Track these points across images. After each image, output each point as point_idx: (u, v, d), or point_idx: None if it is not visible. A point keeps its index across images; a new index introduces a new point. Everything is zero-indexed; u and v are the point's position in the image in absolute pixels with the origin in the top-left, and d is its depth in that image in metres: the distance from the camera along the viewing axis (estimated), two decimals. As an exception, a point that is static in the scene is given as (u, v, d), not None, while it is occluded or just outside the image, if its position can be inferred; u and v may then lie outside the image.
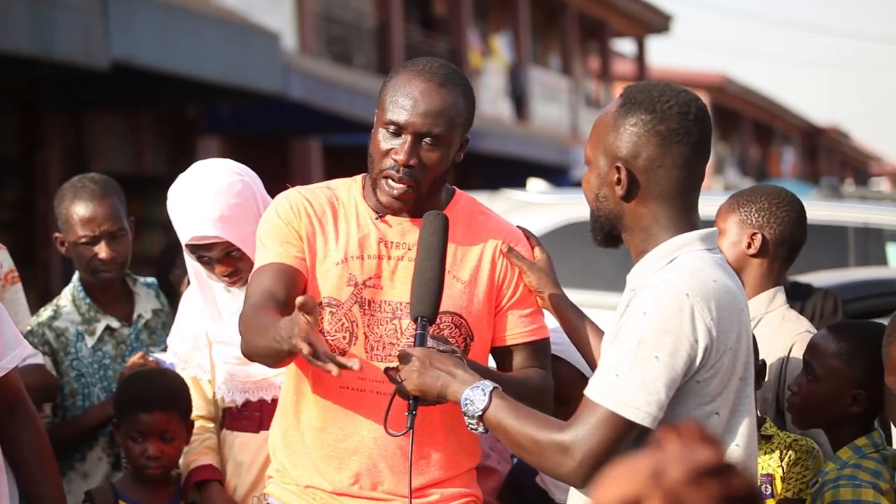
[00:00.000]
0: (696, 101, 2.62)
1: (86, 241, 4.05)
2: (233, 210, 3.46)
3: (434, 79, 2.95)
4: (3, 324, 3.25)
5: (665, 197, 2.59)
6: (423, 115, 2.92)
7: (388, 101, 2.94)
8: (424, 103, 2.92)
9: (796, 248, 3.75)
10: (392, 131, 2.93)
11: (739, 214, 3.71)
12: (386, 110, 2.93)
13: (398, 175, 2.92)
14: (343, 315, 2.98)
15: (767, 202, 3.71)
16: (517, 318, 3.06)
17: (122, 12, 10.18)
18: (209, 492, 3.71)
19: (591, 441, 2.48)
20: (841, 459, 3.16)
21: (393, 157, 2.92)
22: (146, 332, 4.16)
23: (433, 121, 2.93)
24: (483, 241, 3.05)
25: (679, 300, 2.47)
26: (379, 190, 2.96)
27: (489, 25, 25.14)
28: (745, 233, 3.69)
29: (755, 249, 3.67)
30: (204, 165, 3.60)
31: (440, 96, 2.93)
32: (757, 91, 38.08)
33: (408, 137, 2.92)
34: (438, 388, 2.67)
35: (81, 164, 12.67)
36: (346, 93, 14.98)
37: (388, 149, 2.93)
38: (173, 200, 3.55)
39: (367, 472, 2.99)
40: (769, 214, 3.69)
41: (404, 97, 2.92)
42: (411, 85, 2.93)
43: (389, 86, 2.96)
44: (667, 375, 2.46)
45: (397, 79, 2.96)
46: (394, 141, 2.93)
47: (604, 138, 2.62)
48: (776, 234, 3.68)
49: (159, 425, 3.69)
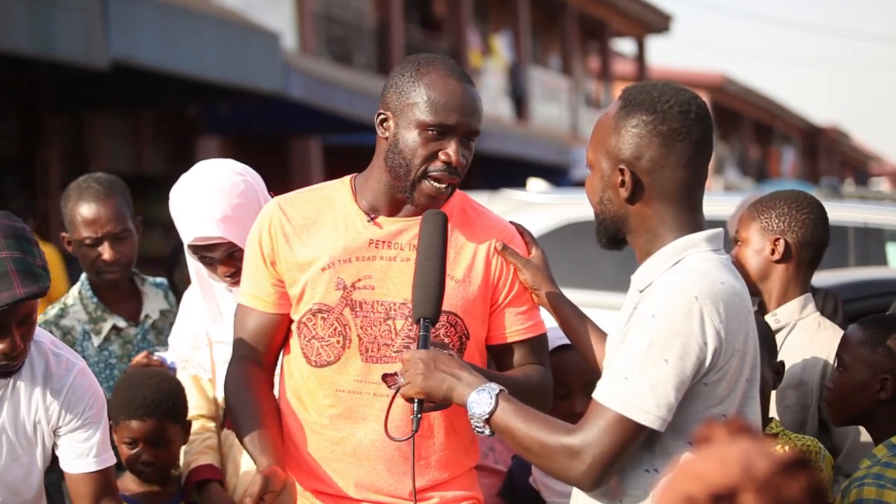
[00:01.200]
0: (695, 99, 2.61)
1: (89, 242, 4.06)
2: (235, 210, 3.45)
3: (463, 78, 2.98)
4: (100, 427, 3.28)
5: (670, 197, 2.58)
6: (469, 115, 2.94)
7: (426, 104, 2.91)
8: (468, 103, 2.94)
9: (820, 249, 3.72)
10: (436, 133, 2.92)
11: (760, 222, 3.68)
12: (428, 112, 2.91)
13: (449, 176, 2.93)
14: (335, 319, 2.97)
15: (787, 206, 3.68)
16: (514, 315, 3.05)
17: (122, 12, 10.18)
18: (209, 492, 3.71)
19: (600, 444, 2.47)
20: (875, 457, 3.17)
21: (442, 160, 2.92)
22: (153, 333, 4.15)
23: (477, 119, 2.97)
24: (477, 238, 3.04)
25: (688, 303, 2.46)
26: (419, 191, 2.94)
27: (489, 25, 25.13)
28: (768, 239, 3.66)
29: (779, 255, 3.65)
30: (206, 166, 3.59)
31: (473, 94, 2.97)
32: (757, 91, 38.07)
33: (456, 138, 2.93)
34: (444, 390, 2.67)
35: (81, 164, 12.67)
36: (346, 93, 14.97)
37: (434, 150, 2.92)
38: (175, 201, 3.54)
39: (367, 475, 2.98)
40: (789, 218, 3.67)
41: (448, 98, 2.92)
42: (449, 85, 2.93)
43: (422, 86, 2.93)
44: (676, 378, 2.46)
45: (429, 78, 2.93)
46: (437, 142, 2.92)
47: (605, 141, 2.61)
48: (798, 238, 3.66)
49: (152, 432, 3.69)
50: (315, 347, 2.98)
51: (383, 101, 2.99)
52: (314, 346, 2.99)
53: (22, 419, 3.22)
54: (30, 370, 3.20)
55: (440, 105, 2.91)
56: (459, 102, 2.92)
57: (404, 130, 2.93)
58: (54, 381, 3.22)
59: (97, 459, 3.27)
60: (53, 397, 3.22)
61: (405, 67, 2.98)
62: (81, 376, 3.25)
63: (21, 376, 3.20)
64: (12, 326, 3.03)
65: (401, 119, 2.94)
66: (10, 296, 2.96)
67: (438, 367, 2.68)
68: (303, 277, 2.99)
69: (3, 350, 3.05)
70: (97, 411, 3.27)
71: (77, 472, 3.26)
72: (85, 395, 3.24)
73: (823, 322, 3.68)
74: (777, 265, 3.66)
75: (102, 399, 3.30)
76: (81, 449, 3.25)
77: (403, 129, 2.94)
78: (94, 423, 3.26)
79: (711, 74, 33.77)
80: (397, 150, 2.94)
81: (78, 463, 3.26)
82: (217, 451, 3.77)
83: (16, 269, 2.98)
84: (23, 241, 3.04)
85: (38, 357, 3.22)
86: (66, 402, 3.22)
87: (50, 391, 3.22)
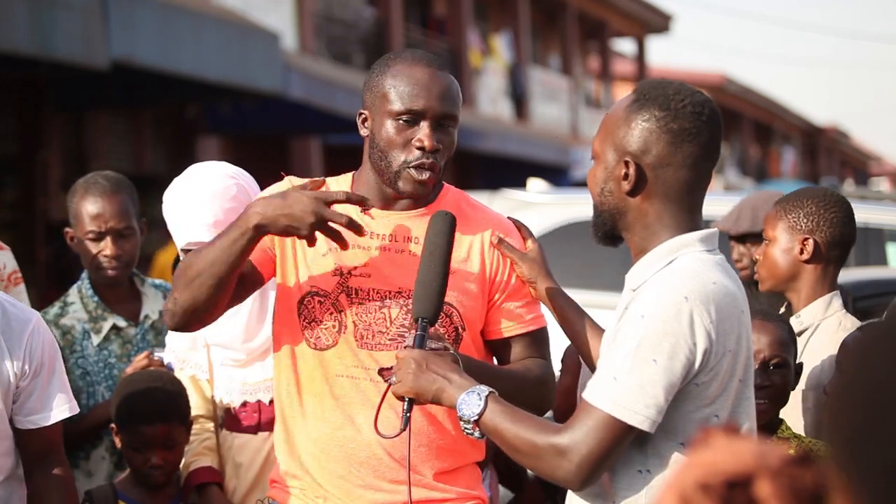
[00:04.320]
0: (709, 102, 2.62)
1: (92, 236, 4.07)
2: (227, 215, 3.44)
3: (432, 64, 2.99)
4: (55, 378, 3.28)
5: (670, 195, 2.59)
6: (439, 98, 2.95)
7: (395, 92, 2.94)
8: (437, 87, 2.95)
9: (848, 248, 3.69)
10: (406, 120, 2.94)
11: (787, 221, 3.65)
12: (396, 101, 2.94)
13: (428, 161, 2.94)
14: (331, 304, 3.00)
15: (815, 206, 3.65)
16: (513, 309, 3.06)
17: (122, 12, 10.18)
18: (209, 496, 3.71)
19: (588, 444, 2.47)
20: None
21: (416, 146, 2.94)
22: (152, 333, 4.16)
23: (449, 103, 2.97)
24: (473, 233, 3.05)
25: (678, 303, 2.46)
26: (402, 181, 2.95)
27: (489, 25, 25.13)
28: (797, 239, 3.63)
29: (808, 255, 3.62)
30: (198, 169, 3.59)
31: (445, 80, 2.98)
32: (757, 91, 38.08)
33: (427, 123, 2.94)
34: (434, 391, 2.67)
35: (81, 164, 12.68)
36: (346, 93, 14.97)
37: (408, 139, 2.94)
38: (168, 205, 3.55)
39: (368, 459, 2.99)
40: (818, 218, 3.63)
41: (414, 85, 2.94)
42: (416, 72, 2.96)
43: (388, 77, 2.96)
44: (665, 379, 2.46)
45: (395, 69, 2.97)
46: (410, 130, 2.94)
47: (614, 132, 2.62)
48: (827, 237, 3.63)
49: (162, 436, 3.69)
50: (315, 331, 3.01)
51: (362, 101, 3.04)
52: (314, 330, 3.01)
53: None
54: None
55: (406, 92, 2.94)
56: (426, 87, 2.94)
57: (379, 125, 2.97)
58: (13, 326, 3.22)
59: (57, 411, 3.28)
60: (16, 342, 3.22)
61: (376, 65, 3.03)
62: (40, 323, 3.27)
63: None
64: None
65: (375, 114, 2.98)
66: None
67: (430, 367, 2.68)
68: (301, 256, 3.02)
69: None
70: (57, 360, 3.29)
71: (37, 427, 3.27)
72: (46, 341, 3.26)
73: (845, 321, 3.63)
74: (806, 265, 3.63)
75: (58, 349, 3.33)
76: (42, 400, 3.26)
77: (378, 124, 2.97)
78: (53, 372, 3.28)
79: (711, 74, 33.77)
80: (375, 145, 2.98)
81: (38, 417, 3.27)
82: (216, 452, 3.77)
83: None
84: None
85: None
86: (28, 346, 3.23)
87: (11, 336, 3.22)
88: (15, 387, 3.24)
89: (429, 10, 23.02)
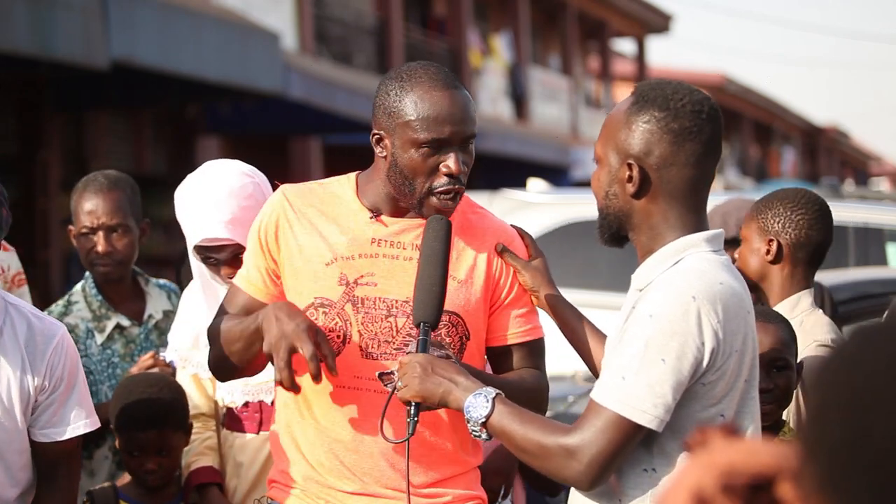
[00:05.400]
0: (708, 100, 2.62)
1: (85, 231, 4.08)
2: (244, 212, 3.44)
3: (448, 83, 2.93)
4: (75, 393, 3.28)
5: (675, 195, 2.59)
6: (462, 122, 2.90)
7: (418, 121, 2.88)
8: (459, 111, 2.91)
9: (818, 249, 3.69)
10: (433, 148, 2.89)
11: (758, 221, 3.68)
12: (421, 130, 2.88)
13: (455, 187, 2.92)
14: (336, 314, 2.98)
15: (783, 206, 3.67)
16: (513, 317, 3.05)
17: (122, 12, 10.18)
18: (209, 497, 3.71)
19: (597, 444, 2.47)
20: None
21: (444, 172, 2.90)
22: (156, 333, 4.16)
23: (471, 123, 2.94)
24: (478, 240, 3.04)
25: (685, 303, 2.47)
26: (427, 207, 2.92)
27: (489, 25, 25.13)
28: (764, 240, 3.66)
29: (772, 256, 3.65)
30: (214, 166, 3.57)
31: (463, 99, 2.94)
32: (757, 91, 38.08)
33: (454, 147, 2.90)
34: (440, 394, 2.67)
35: (81, 164, 12.68)
36: (346, 93, 14.98)
37: (434, 165, 2.90)
38: (182, 201, 3.53)
39: (369, 470, 2.99)
40: (784, 219, 3.66)
41: (438, 112, 2.89)
42: (436, 97, 2.90)
43: (408, 102, 2.89)
44: (673, 378, 2.46)
45: (414, 93, 2.90)
46: (435, 156, 2.90)
47: (615, 135, 2.62)
48: (792, 239, 3.65)
49: (156, 442, 3.69)
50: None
51: (375, 120, 2.97)
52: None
53: (6, 381, 3.20)
54: (12, 332, 3.20)
55: (431, 120, 2.88)
56: (450, 112, 2.89)
57: (401, 150, 2.92)
58: (38, 340, 3.22)
59: (73, 426, 3.27)
60: (39, 356, 3.21)
61: (389, 84, 2.95)
62: (64, 338, 3.26)
63: (3, 337, 3.19)
64: None
65: (395, 139, 2.92)
66: None
67: (436, 371, 2.68)
68: (304, 268, 3.00)
69: None
70: (78, 375, 3.28)
71: (51, 441, 3.26)
72: (68, 356, 3.25)
73: (806, 320, 3.64)
74: (772, 266, 3.66)
75: (80, 364, 3.32)
76: (60, 415, 3.25)
77: (400, 150, 2.92)
78: (74, 387, 3.27)
79: (711, 74, 33.77)
80: (398, 170, 2.93)
81: (53, 431, 3.25)
82: (217, 451, 3.77)
83: None
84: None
85: (18, 318, 3.21)
86: (51, 361, 3.22)
87: (35, 350, 3.21)
88: (34, 400, 3.23)
89: (429, 10, 23.02)
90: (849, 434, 1.17)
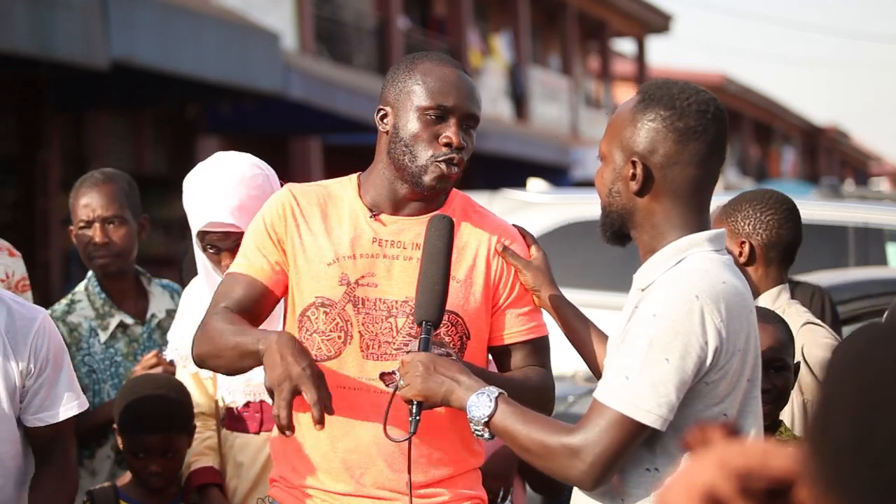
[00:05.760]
0: (714, 100, 2.63)
1: (82, 225, 4.10)
2: (252, 201, 3.45)
3: (458, 66, 3.02)
4: (63, 376, 3.27)
5: (679, 194, 2.59)
6: (466, 98, 2.96)
7: (424, 88, 2.95)
8: (465, 87, 2.97)
9: (790, 248, 3.73)
10: (435, 116, 2.93)
11: (728, 225, 3.72)
12: (425, 96, 2.94)
13: (457, 156, 2.94)
14: (337, 314, 2.98)
15: (751, 208, 3.71)
16: (515, 316, 3.05)
17: (122, 12, 10.19)
18: (209, 498, 3.71)
19: (601, 444, 2.47)
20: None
21: (444, 142, 2.93)
22: (159, 332, 4.16)
23: (475, 104, 2.99)
24: (478, 240, 3.04)
25: (689, 302, 2.47)
26: (428, 174, 2.93)
27: (489, 25, 25.14)
28: (735, 242, 3.69)
29: (745, 258, 3.68)
30: (226, 156, 3.59)
31: (469, 80, 3.01)
32: (757, 91, 38.08)
33: (454, 120, 2.95)
34: (442, 393, 2.67)
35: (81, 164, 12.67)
36: (346, 93, 14.98)
37: (435, 134, 2.93)
38: (192, 186, 3.53)
39: (368, 472, 2.99)
40: (754, 221, 3.70)
41: (444, 83, 2.95)
42: (444, 71, 2.97)
43: (417, 74, 2.96)
44: (677, 377, 2.46)
45: (423, 66, 2.98)
46: (437, 126, 2.94)
47: (620, 133, 2.62)
48: (763, 240, 3.69)
49: (161, 445, 3.69)
50: (316, 342, 2.99)
51: (382, 97, 3.02)
52: (315, 341, 2.99)
53: None
54: None
55: (436, 89, 2.94)
56: (456, 85, 2.96)
57: (404, 119, 2.96)
58: (18, 325, 3.21)
59: (65, 408, 3.27)
60: (21, 341, 3.20)
61: (400, 63, 3.03)
62: (46, 321, 3.26)
63: None
64: None
65: (400, 110, 2.97)
66: None
67: (438, 370, 2.68)
68: (305, 267, 3.00)
69: None
70: (64, 357, 3.28)
71: (45, 424, 3.25)
72: (52, 339, 3.24)
73: (788, 309, 3.66)
74: (746, 267, 3.68)
75: (64, 346, 3.31)
76: (50, 398, 3.25)
77: (403, 119, 2.96)
78: (61, 370, 3.27)
79: (711, 74, 33.77)
80: (399, 140, 2.96)
81: (46, 415, 3.25)
82: (217, 451, 3.77)
83: None
84: None
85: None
86: (34, 344, 3.21)
87: (17, 335, 3.20)
88: (21, 386, 3.23)
89: (429, 10, 23.02)
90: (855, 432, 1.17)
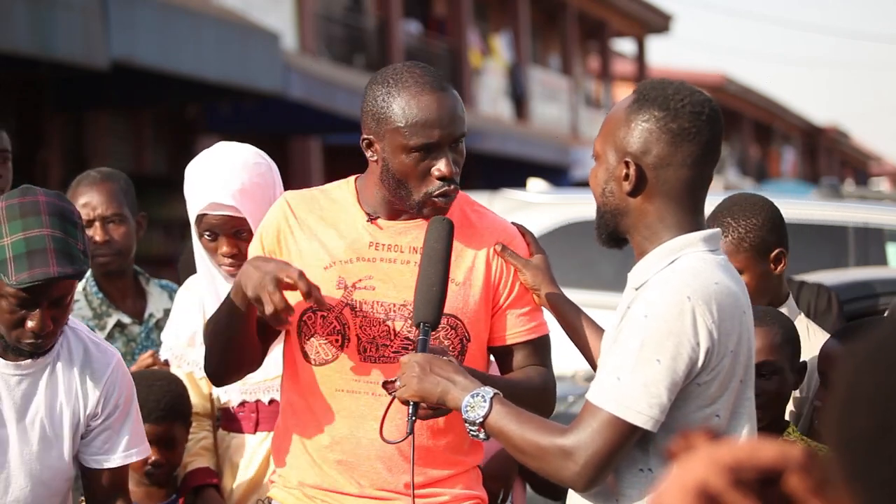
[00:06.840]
0: (709, 101, 2.62)
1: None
2: (253, 188, 3.44)
3: (436, 85, 2.91)
4: (129, 421, 3.25)
5: (672, 195, 2.59)
6: (451, 124, 2.90)
7: (407, 127, 2.87)
8: (447, 113, 2.90)
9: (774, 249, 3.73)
10: (423, 152, 2.88)
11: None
12: (410, 136, 2.87)
13: (451, 188, 2.91)
14: (334, 318, 2.98)
15: (738, 214, 3.70)
16: (515, 316, 3.05)
17: (122, 12, 10.19)
18: (206, 498, 3.71)
19: (593, 445, 2.47)
20: None
21: (436, 176, 2.89)
22: (157, 332, 4.15)
23: (460, 124, 2.93)
24: (477, 240, 3.03)
25: (680, 302, 2.47)
26: (427, 209, 2.92)
27: (489, 25, 25.14)
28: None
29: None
30: (229, 144, 3.58)
31: (450, 99, 2.92)
32: (757, 91, 38.08)
33: (444, 150, 2.90)
34: (438, 394, 2.67)
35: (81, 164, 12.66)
36: (346, 93, 14.98)
37: (426, 169, 2.89)
38: (194, 170, 3.50)
39: (367, 473, 2.99)
40: (737, 226, 3.68)
41: (427, 117, 2.87)
42: (424, 101, 2.88)
43: (395, 107, 2.88)
44: (669, 378, 2.46)
45: (401, 98, 2.89)
46: (427, 160, 2.89)
47: (614, 133, 2.62)
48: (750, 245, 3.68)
49: (162, 435, 3.69)
50: (314, 346, 3.00)
51: (363, 124, 2.97)
52: (313, 345, 3.00)
53: (59, 406, 3.18)
54: (68, 356, 3.18)
55: (419, 125, 2.87)
56: (438, 116, 2.88)
57: (391, 156, 2.91)
58: (94, 367, 3.19)
59: (125, 454, 3.25)
60: (93, 383, 3.19)
61: (376, 89, 2.94)
62: (120, 365, 3.24)
63: (59, 362, 3.17)
64: (44, 305, 3.00)
65: (385, 144, 2.92)
66: (42, 273, 2.94)
67: (434, 370, 2.68)
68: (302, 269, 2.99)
69: (32, 328, 3.01)
70: (133, 402, 3.26)
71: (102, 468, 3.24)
72: (123, 383, 3.23)
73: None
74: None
75: (134, 390, 3.29)
76: (112, 441, 3.23)
77: (391, 155, 2.91)
78: (128, 415, 3.25)
79: (711, 74, 33.77)
80: (391, 175, 2.92)
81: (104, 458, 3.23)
82: (213, 452, 3.76)
83: (54, 248, 2.97)
84: (67, 223, 3.03)
85: (76, 343, 3.19)
86: (105, 389, 3.20)
87: (90, 377, 3.19)
88: (85, 425, 3.21)
89: (429, 10, 23.02)
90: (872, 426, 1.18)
